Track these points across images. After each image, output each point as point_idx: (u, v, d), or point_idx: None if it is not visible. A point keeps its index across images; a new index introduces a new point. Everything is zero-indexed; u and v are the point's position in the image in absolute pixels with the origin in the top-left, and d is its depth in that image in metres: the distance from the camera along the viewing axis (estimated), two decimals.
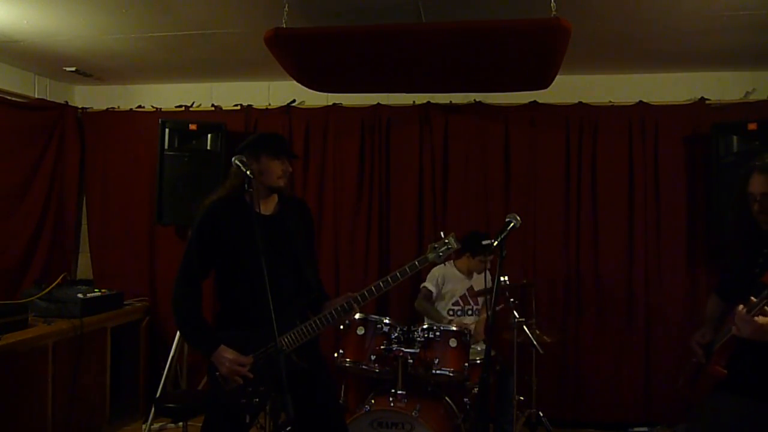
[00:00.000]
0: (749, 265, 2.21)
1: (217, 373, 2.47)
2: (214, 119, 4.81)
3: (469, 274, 4.14)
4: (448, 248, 2.60)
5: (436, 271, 4.17)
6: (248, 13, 3.40)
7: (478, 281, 4.08)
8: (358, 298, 2.54)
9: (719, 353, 2.26)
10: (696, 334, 2.44)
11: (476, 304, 4.14)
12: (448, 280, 4.14)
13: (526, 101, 4.57)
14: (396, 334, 3.52)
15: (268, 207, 2.63)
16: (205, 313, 2.59)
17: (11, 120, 4.55)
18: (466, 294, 4.13)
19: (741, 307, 2.01)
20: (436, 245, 2.60)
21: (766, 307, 1.96)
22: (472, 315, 4.13)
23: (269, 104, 4.93)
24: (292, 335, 2.51)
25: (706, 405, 2.35)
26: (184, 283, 2.54)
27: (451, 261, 4.18)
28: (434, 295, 4.12)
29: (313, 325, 2.53)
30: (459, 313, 4.11)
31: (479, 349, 3.88)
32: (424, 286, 4.14)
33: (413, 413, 3.21)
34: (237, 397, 2.45)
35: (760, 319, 1.97)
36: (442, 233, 2.65)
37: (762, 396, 2.15)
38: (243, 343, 2.48)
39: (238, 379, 2.44)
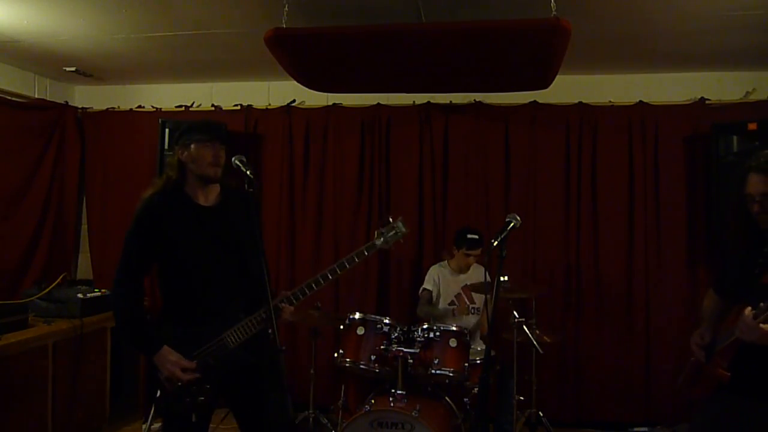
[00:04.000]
0: (748, 265, 2.18)
1: (159, 374, 2.39)
2: (214, 119, 4.80)
3: (460, 272, 4.14)
4: (396, 233, 2.58)
5: (433, 271, 4.18)
6: (248, 13, 3.40)
7: (474, 280, 4.07)
8: (291, 297, 2.50)
9: (722, 354, 2.23)
10: (695, 334, 2.39)
11: (473, 302, 4.14)
12: (443, 279, 4.14)
13: (526, 101, 4.57)
14: (396, 334, 3.53)
15: (208, 198, 2.51)
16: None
17: (11, 120, 4.55)
18: (461, 293, 4.13)
19: (748, 310, 1.99)
20: (383, 230, 2.58)
21: None
22: (470, 314, 4.13)
23: (269, 104, 4.93)
24: (237, 331, 2.43)
25: (708, 406, 2.32)
26: (123, 281, 2.42)
27: (446, 261, 4.20)
28: (434, 294, 4.12)
29: (255, 321, 2.45)
30: (456, 312, 4.11)
31: (479, 349, 3.88)
32: (424, 289, 4.14)
33: (413, 413, 3.20)
34: (182, 397, 2.38)
35: (766, 327, 1.95)
36: (390, 218, 2.61)
37: (766, 397, 2.13)
38: (187, 341, 2.39)
39: (182, 379, 2.35)
